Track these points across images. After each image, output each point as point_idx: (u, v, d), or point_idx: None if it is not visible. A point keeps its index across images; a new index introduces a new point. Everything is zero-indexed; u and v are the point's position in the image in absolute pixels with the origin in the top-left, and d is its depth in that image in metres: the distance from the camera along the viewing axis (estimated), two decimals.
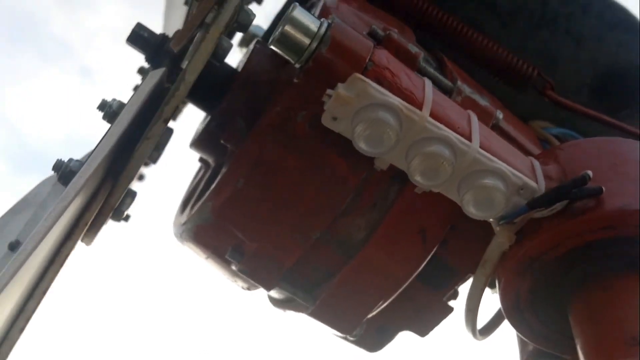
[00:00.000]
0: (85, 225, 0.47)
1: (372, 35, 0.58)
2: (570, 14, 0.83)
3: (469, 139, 0.50)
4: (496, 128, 0.63)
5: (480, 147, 0.50)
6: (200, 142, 0.66)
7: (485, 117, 0.61)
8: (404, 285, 0.61)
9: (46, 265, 0.45)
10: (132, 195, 0.56)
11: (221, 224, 0.58)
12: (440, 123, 0.49)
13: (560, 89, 0.82)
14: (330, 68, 0.48)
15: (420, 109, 0.49)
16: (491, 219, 0.53)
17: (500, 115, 0.62)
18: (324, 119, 0.49)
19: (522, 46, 0.84)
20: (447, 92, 0.60)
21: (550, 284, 0.54)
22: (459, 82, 0.61)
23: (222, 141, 0.61)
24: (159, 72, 0.53)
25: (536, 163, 0.55)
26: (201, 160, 0.73)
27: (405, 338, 0.75)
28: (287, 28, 0.48)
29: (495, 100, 0.71)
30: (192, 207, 0.63)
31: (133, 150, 0.51)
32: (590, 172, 0.50)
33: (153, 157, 0.67)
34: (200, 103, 0.66)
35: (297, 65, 0.50)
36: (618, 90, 0.87)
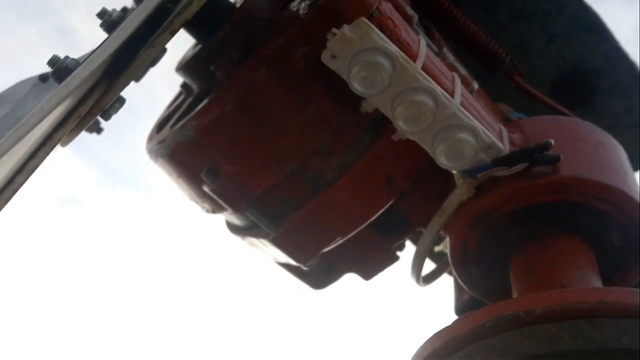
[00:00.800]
0: (78, 117, 0.49)
1: None
2: (547, 11, 0.89)
3: (452, 95, 0.54)
4: (474, 91, 0.68)
5: (460, 104, 0.55)
6: (189, 66, 0.68)
7: (464, 84, 0.66)
8: (363, 225, 0.65)
9: (37, 147, 0.46)
10: (121, 101, 0.58)
11: (202, 143, 0.60)
12: (429, 76, 0.53)
13: (526, 79, 0.88)
14: (340, 9, 0.52)
15: (414, 60, 0.53)
16: (455, 172, 0.58)
17: (475, 85, 0.67)
18: (324, 56, 0.52)
19: (498, 33, 0.89)
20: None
21: (496, 239, 0.59)
22: (445, 49, 0.66)
23: (212, 68, 0.64)
24: None
25: (504, 129, 0.60)
26: (184, 85, 0.75)
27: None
28: None
29: (470, 74, 0.76)
30: (173, 126, 0.65)
31: (133, 57, 0.52)
32: (552, 141, 0.55)
33: (137, 76, 0.69)
34: (195, 32, 0.68)
35: (307, 2, 0.53)
36: (577, 89, 0.94)
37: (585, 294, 0.41)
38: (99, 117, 0.70)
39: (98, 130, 0.74)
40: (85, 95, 0.50)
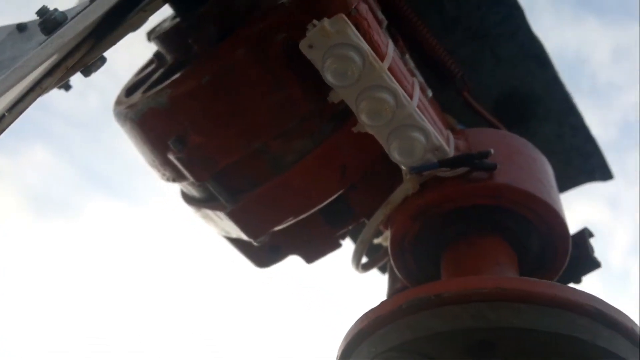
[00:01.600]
0: (65, 68, 0.51)
1: None
2: (499, 35, 0.97)
3: (411, 97, 0.60)
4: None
5: (417, 107, 0.61)
6: (167, 37, 0.71)
7: (421, 90, 0.72)
8: (314, 209, 0.70)
9: (26, 91, 0.48)
10: (103, 60, 0.60)
11: (174, 111, 0.63)
12: (393, 78, 0.59)
13: (472, 95, 0.96)
14: (323, 3, 0.56)
15: (382, 61, 0.58)
16: (404, 168, 0.64)
17: (430, 93, 0.74)
18: (302, 45, 0.57)
19: (453, 50, 0.96)
20: None
21: (433, 234, 0.66)
22: (407, 56, 0.72)
23: (190, 41, 0.67)
24: None
25: (451, 136, 0.67)
26: (157, 55, 0.77)
27: None
28: None
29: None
30: (145, 92, 0.68)
31: (123, 19, 0.55)
32: (492, 150, 0.62)
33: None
34: (177, 5, 0.71)
35: None
36: (516, 111, 1.03)
37: (486, 281, 0.47)
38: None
39: (67, 87, 0.76)
40: (73, 49, 0.52)
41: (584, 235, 0.74)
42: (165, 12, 0.77)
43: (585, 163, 1.07)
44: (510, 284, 0.46)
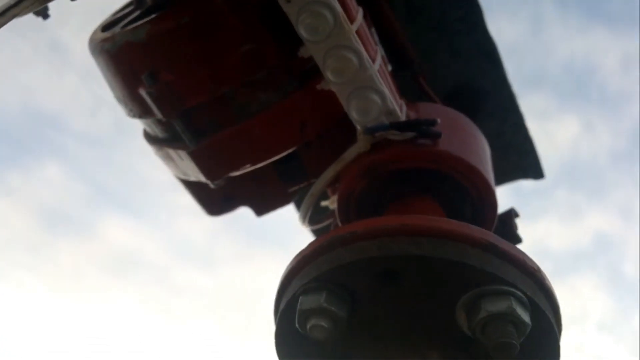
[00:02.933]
0: None
1: None
2: (457, 31, 1.04)
3: (373, 62, 0.66)
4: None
5: (378, 70, 0.66)
6: None
7: (383, 61, 0.78)
8: (270, 159, 0.74)
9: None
10: None
11: (151, 47, 0.67)
12: (360, 40, 0.65)
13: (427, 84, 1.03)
14: None
15: (352, 23, 0.64)
16: (359, 129, 0.69)
17: (389, 67, 0.80)
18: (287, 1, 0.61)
19: (412, 38, 1.03)
20: None
21: (377, 192, 0.72)
22: (372, 29, 0.78)
23: None
24: None
25: (404, 105, 0.73)
26: None
27: None
28: None
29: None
30: (123, 28, 0.71)
31: None
32: (439, 120, 0.68)
33: None
34: None
35: None
36: (465, 104, 1.10)
37: (392, 220, 0.53)
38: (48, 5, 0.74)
39: (44, 15, 0.77)
40: None
41: (511, 214, 0.82)
42: None
43: (521, 160, 1.16)
44: (412, 220, 0.52)
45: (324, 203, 0.88)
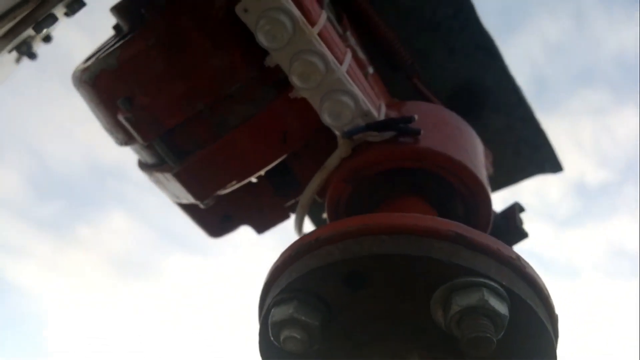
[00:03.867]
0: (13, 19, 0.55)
1: None
2: (450, 28, 1.02)
3: (341, 63, 0.65)
4: (367, 79, 0.78)
5: (347, 74, 0.65)
6: (123, 7, 0.75)
7: (360, 66, 0.76)
8: (256, 173, 0.74)
9: None
10: (54, 18, 0.64)
11: (123, 72, 0.67)
12: (324, 43, 0.63)
13: (426, 85, 1.01)
14: None
15: (313, 27, 0.63)
16: (338, 134, 0.68)
17: (370, 70, 0.78)
18: (238, 8, 0.61)
19: (407, 41, 1.01)
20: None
21: (363, 196, 0.70)
22: (348, 33, 0.76)
23: (143, 11, 0.71)
24: None
25: (383, 106, 0.71)
26: (115, 27, 0.81)
27: None
28: None
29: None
30: (99, 56, 0.72)
31: None
32: (416, 116, 0.66)
33: (73, 8, 0.75)
34: None
35: None
36: (468, 101, 1.08)
37: (355, 220, 0.51)
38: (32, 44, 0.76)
39: (30, 55, 0.80)
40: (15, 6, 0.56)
41: (514, 209, 0.79)
42: None
43: (534, 154, 1.11)
44: (373, 219, 0.50)
45: (325, 215, 0.86)
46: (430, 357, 0.50)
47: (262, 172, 0.74)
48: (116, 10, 0.77)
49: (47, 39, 0.80)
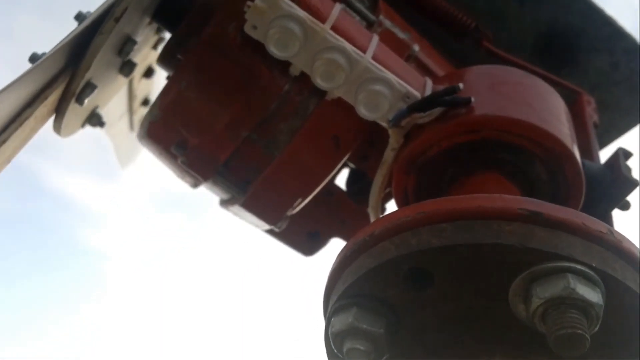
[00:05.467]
0: (45, 98, 0.58)
1: None
2: None
3: (364, 51, 0.60)
4: (412, 59, 0.72)
5: (374, 59, 0.60)
6: (163, 57, 0.78)
7: (401, 47, 0.71)
8: (320, 186, 0.71)
9: (6, 123, 0.56)
10: (92, 87, 0.67)
11: (168, 120, 0.69)
12: (342, 35, 0.59)
13: (505, 46, 0.92)
14: None
15: (324, 22, 0.59)
16: (384, 124, 0.63)
17: (416, 48, 0.72)
18: (246, 27, 0.60)
19: (471, 4, 0.93)
20: (369, 24, 0.70)
21: (430, 180, 0.64)
22: (382, 17, 0.71)
23: (178, 56, 0.73)
24: None
25: (429, 81, 0.65)
26: (167, 77, 0.84)
27: None
28: None
29: (425, 46, 0.80)
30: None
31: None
32: (461, 85, 0.59)
33: (124, 71, 0.79)
34: (165, 24, 0.78)
35: None
36: (557, 49, 0.96)
37: (409, 210, 0.44)
38: (99, 112, 0.81)
39: (100, 124, 0.85)
40: (51, 80, 0.60)
41: (618, 155, 0.67)
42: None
43: None
44: (430, 206, 0.43)
45: None
46: (516, 358, 0.43)
47: (323, 184, 0.71)
48: (159, 62, 0.79)
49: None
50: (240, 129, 0.68)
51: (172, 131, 0.70)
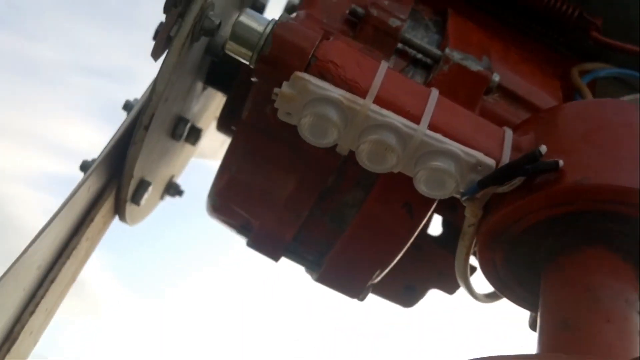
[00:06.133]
0: (91, 221, 0.57)
1: (352, 14, 0.59)
2: None
3: (418, 120, 0.50)
4: (493, 90, 0.60)
5: (433, 127, 0.50)
6: (220, 126, 0.73)
7: (476, 82, 0.59)
8: (398, 256, 0.63)
9: (54, 257, 0.55)
10: (146, 184, 0.65)
11: (225, 205, 0.65)
12: (389, 108, 0.50)
13: (621, 28, 0.75)
14: (275, 68, 0.51)
15: (364, 97, 0.50)
16: (457, 196, 0.53)
17: (496, 77, 0.60)
18: (280, 115, 0.52)
19: None
20: (435, 60, 0.60)
21: (525, 253, 0.53)
22: (448, 50, 0.60)
23: (232, 127, 0.68)
24: None
25: (508, 134, 0.53)
26: None
27: None
28: (235, 31, 0.52)
29: (513, 60, 0.67)
30: None
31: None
32: (543, 148, 0.47)
33: (191, 140, 0.76)
34: (219, 89, 0.73)
35: (251, 67, 0.53)
36: None
37: None
38: (176, 182, 0.80)
39: (179, 193, 0.84)
40: (105, 185, 0.58)
41: None
42: None
43: None
44: None
45: None
46: None
47: (401, 254, 0.63)
48: (219, 129, 0.75)
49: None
50: (300, 207, 0.62)
51: (234, 215, 0.66)
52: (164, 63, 0.54)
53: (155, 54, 0.56)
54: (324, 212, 0.62)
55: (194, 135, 0.78)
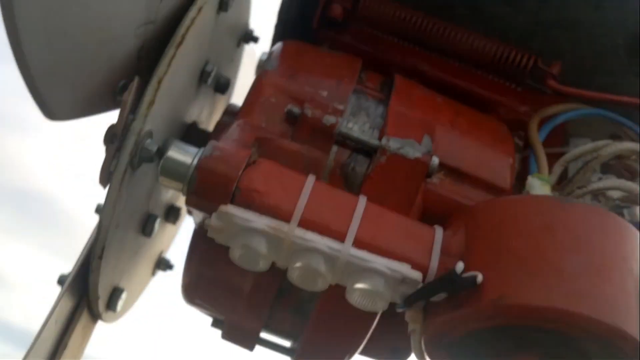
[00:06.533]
0: (64, 348, 0.60)
1: (288, 114, 0.60)
2: None
3: (344, 238, 0.51)
4: (435, 172, 0.60)
5: (358, 243, 0.51)
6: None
7: (416, 169, 0.59)
8: (363, 343, 0.64)
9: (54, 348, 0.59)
10: (119, 291, 0.68)
11: (191, 300, 0.68)
12: (314, 229, 0.51)
13: (592, 54, 0.74)
14: (203, 200, 0.53)
15: (289, 220, 0.51)
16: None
17: (435, 162, 0.59)
18: (218, 240, 0.54)
19: (535, 21, 0.75)
20: (372, 151, 0.60)
21: (469, 356, 0.54)
22: (384, 140, 0.60)
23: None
24: None
25: (438, 237, 0.53)
26: None
27: None
28: (164, 166, 0.54)
29: (457, 124, 0.66)
30: None
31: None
32: (460, 266, 0.48)
33: (171, 220, 0.79)
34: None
35: (185, 188, 0.54)
36: None
37: None
38: (165, 257, 0.83)
39: (170, 267, 0.87)
40: (74, 308, 0.62)
41: None
42: None
43: None
44: None
45: None
46: None
47: (365, 341, 0.64)
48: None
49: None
50: (259, 305, 0.64)
51: (204, 309, 0.69)
52: (106, 198, 0.57)
53: (102, 183, 0.59)
54: (284, 307, 0.64)
55: (173, 216, 0.81)
